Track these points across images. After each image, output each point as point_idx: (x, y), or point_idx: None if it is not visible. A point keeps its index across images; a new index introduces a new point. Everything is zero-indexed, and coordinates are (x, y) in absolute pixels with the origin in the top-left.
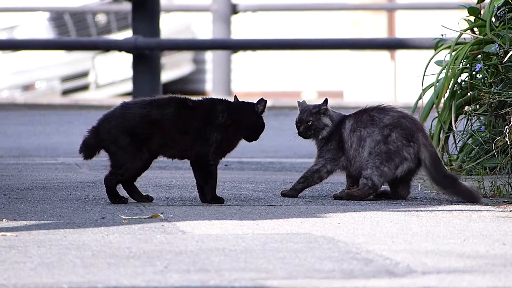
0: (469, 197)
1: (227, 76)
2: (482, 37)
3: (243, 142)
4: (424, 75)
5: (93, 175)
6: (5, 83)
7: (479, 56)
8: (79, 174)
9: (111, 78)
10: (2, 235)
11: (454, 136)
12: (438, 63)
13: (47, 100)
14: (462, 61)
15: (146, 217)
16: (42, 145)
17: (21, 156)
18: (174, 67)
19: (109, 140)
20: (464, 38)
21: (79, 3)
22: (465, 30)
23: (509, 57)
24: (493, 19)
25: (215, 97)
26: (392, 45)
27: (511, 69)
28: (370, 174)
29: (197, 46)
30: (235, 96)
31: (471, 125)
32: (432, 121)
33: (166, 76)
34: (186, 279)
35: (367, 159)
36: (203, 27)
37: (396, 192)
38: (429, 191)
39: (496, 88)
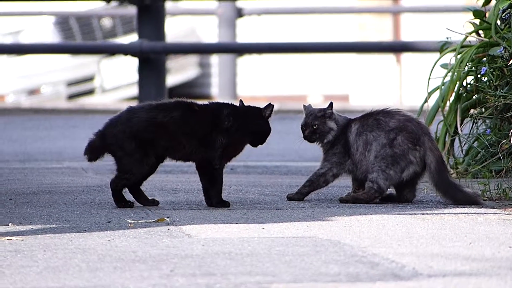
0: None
1: (233, 80)
2: (487, 39)
3: (249, 146)
4: (429, 78)
5: (99, 179)
6: (10, 87)
7: (484, 59)
8: (85, 178)
9: (116, 82)
10: (8, 239)
11: (459, 139)
12: (444, 66)
13: (53, 104)
14: (468, 64)
15: (152, 221)
16: (48, 150)
17: (26, 160)
18: (179, 71)
19: (116, 145)
20: (469, 41)
21: (84, 7)
22: (470, 33)
23: None
24: (498, 22)
25: (221, 101)
26: (397, 48)
27: None
28: (376, 178)
29: (203, 50)
30: (241, 100)
31: (477, 128)
32: (438, 124)
33: (172, 80)
34: (192, 282)
35: (373, 162)
36: (208, 31)
37: (402, 196)
38: (434, 195)
39: (502, 91)
